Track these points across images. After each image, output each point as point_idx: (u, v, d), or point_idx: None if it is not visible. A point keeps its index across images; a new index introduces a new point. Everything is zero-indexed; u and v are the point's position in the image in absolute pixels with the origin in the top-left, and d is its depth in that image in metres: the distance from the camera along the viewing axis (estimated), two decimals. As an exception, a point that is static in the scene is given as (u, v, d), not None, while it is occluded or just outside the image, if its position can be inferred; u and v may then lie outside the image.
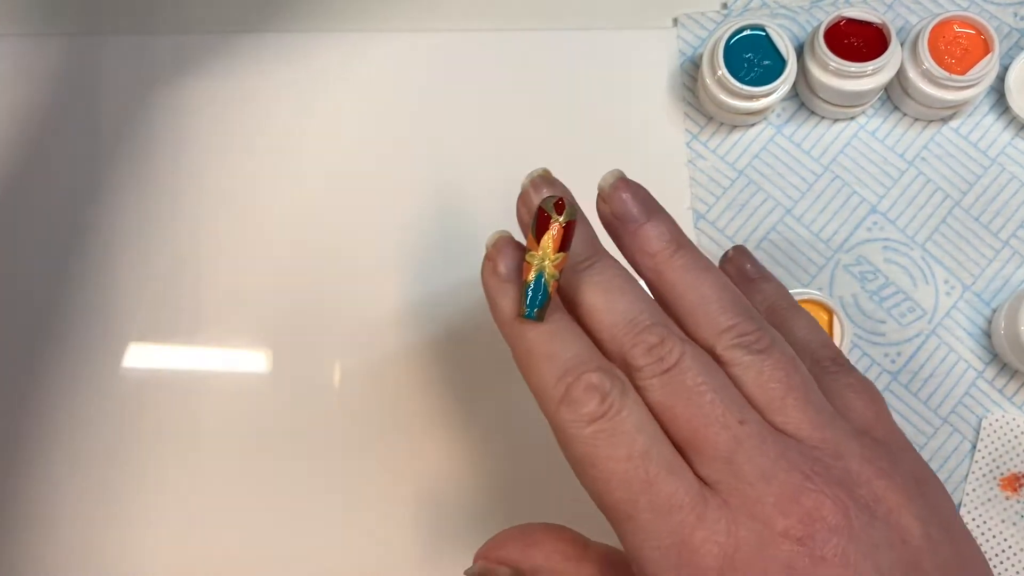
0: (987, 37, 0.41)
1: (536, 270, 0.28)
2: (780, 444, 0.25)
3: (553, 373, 0.26)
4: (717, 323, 0.27)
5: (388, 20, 0.45)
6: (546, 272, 0.28)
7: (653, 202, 0.31)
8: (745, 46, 0.41)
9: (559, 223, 0.28)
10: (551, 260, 0.28)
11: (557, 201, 0.28)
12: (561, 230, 0.28)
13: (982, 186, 0.43)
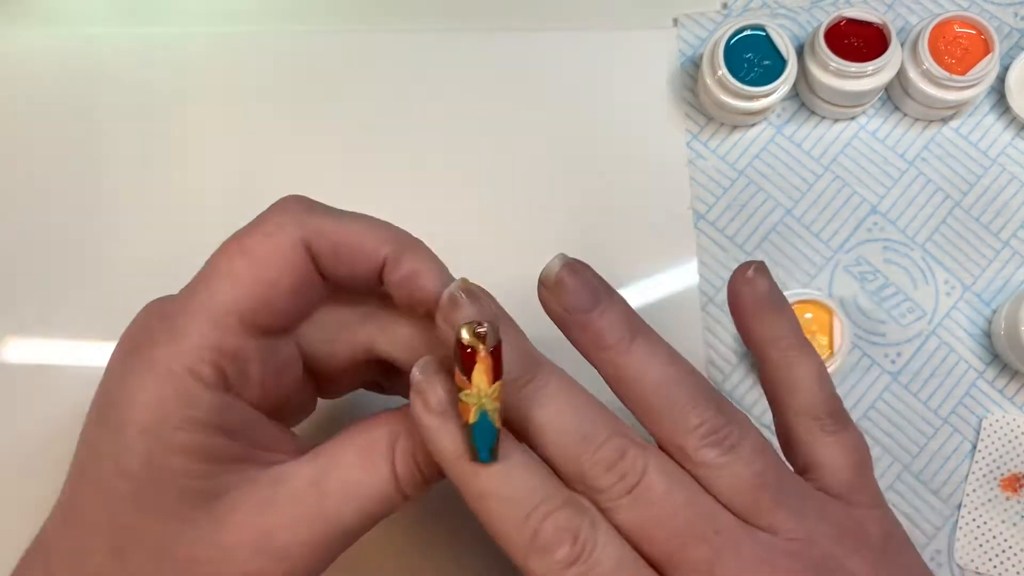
0: (987, 37, 0.41)
1: (477, 410, 0.25)
2: (757, 546, 0.25)
3: (515, 517, 0.25)
4: (684, 421, 0.26)
5: (388, 20, 0.45)
6: (487, 409, 0.25)
7: (602, 284, 0.29)
8: (745, 46, 0.41)
9: (485, 352, 0.25)
10: (488, 395, 0.25)
11: (476, 329, 0.25)
12: (489, 359, 0.25)
13: (982, 186, 0.43)
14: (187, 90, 0.44)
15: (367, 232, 0.28)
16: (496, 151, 0.44)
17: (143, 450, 0.25)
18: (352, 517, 0.27)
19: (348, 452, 0.27)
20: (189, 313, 0.26)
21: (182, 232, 0.43)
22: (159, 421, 0.25)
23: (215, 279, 0.27)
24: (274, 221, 0.27)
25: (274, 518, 0.26)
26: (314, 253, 0.27)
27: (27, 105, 0.44)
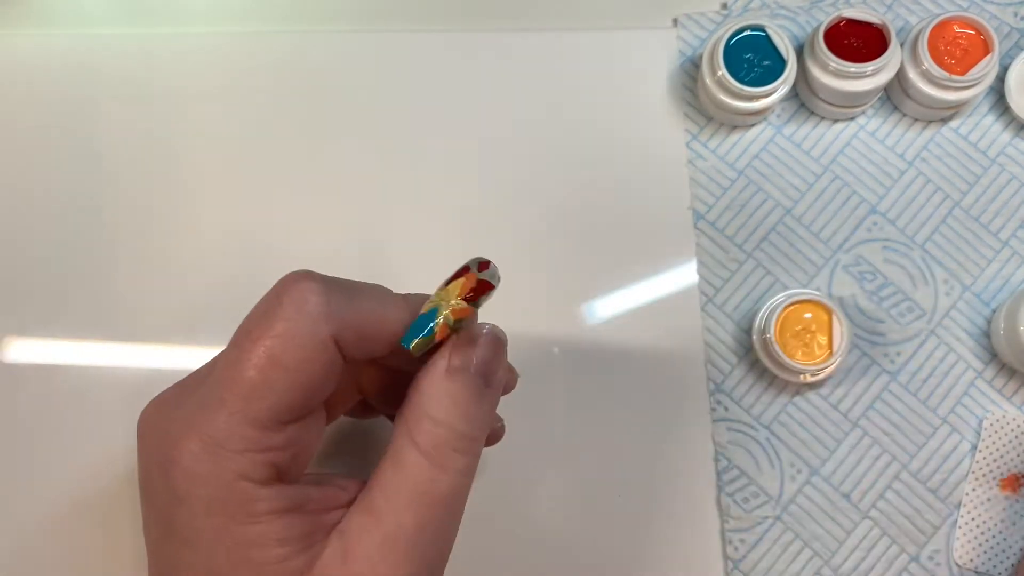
0: (987, 37, 0.41)
1: (431, 305, 0.27)
2: None
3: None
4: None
5: (388, 21, 0.45)
6: (440, 311, 0.27)
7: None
8: (745, 46, 0.41)
9: (474, 275, 0.27)
10: (450, 304, 0.27)
11: (483, 261, 0.27)
12: (474, 281, 0.27)
13: (982, 186, 0.43)
14: (187, 90, 0.44)
15: (385, 313, 0.29)
16: (496, 151, 0.44)
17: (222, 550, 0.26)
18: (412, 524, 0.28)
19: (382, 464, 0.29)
20: (226, 422, 0.26)
21: (182, 232, 0.43)
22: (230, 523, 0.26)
23: (249, 385, 0.27)
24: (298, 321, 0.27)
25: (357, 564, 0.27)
26: (342, 346, 0.28)
27: (27, 105, 0.44)
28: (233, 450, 0.26)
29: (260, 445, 0.27)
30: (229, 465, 0.26)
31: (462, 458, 0.28)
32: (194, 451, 0.26)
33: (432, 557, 0.28)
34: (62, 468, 0.41)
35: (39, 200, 0.43)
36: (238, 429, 0.26)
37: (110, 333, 0.42)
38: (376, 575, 0.27)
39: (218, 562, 0.26)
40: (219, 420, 0.26)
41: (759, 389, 0.41)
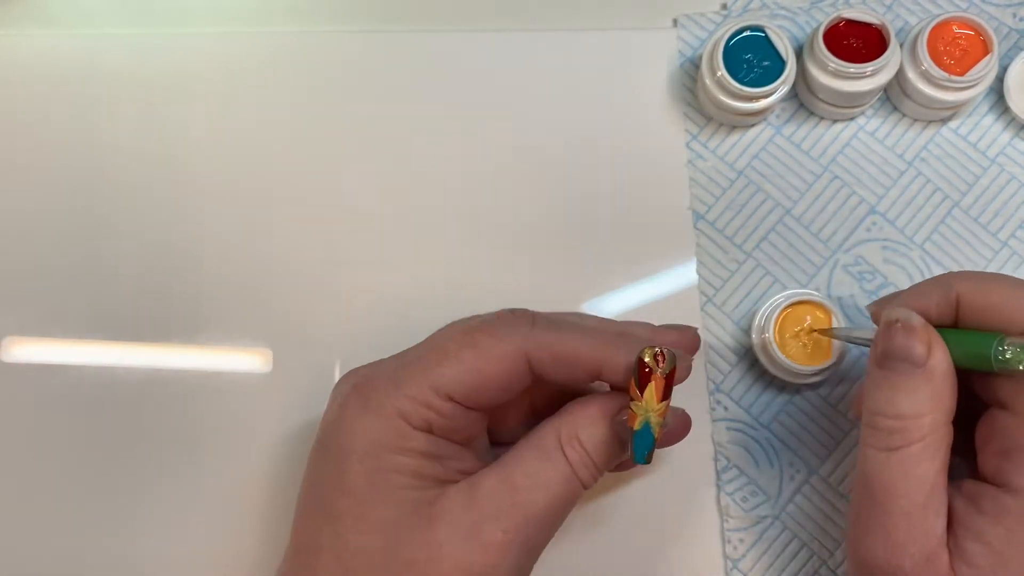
0: (986, 38, 0.41)
1: (642, 420, 0.30)
2: None
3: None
4: None
5: (388, 21, 0.45)
6: (651, 422, 0.30)
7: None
8: (745, 47, 0.41)
9: (660, 375, 0.30)
10: (655, 410, 0.30)
11: (657, 353, 0.30)
12: (663, 381, 0.30)
13: (981, 187, 0.43)
14: (187, 90, 0.44)
15: (583, 344, 0.32)
16: (496, 151, 0.44)
17: (363, 471, 0.31)
18: (541, 504, 0.31)
19: (525, 451, 0.32)
20: (412, 374, 0.32)
21: (182, 232, 0.43)
22: (378, 448, 0.31)
23: (443, 357, 0.32)
24: (505, 328, 0.32)
25: (476, 513, 0.31)
26: (534, 362, 0.32)
27: (27, 105, 0.44)
28: (406, 394, 0.31)
29: (426, 401, 0.31)
30: (396, 403, 0.31)
31: (589, 477, 0.33)
32: (377, 385, 0.32)
33: (534, 545, 0.32)
34: (62, 468, 0.41)
35: (39, 200, 0.43)
36: (417, 380, 0.32)
37: (110, 333, 0.42)
38: (490, 532, 0.31)
39: (356, 479, 0.31)
40: (408, 369, 0.32)
41: (759, 389, 0.41)
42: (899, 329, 0.31)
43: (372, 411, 0.32)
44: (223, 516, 0.40)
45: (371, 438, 0.31)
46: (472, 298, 0.41)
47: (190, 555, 0.40)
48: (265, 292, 0.42)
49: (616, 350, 0.32)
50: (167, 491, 0.40)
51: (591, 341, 0.32)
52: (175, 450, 0.41)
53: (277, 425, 0.41)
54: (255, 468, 0.40)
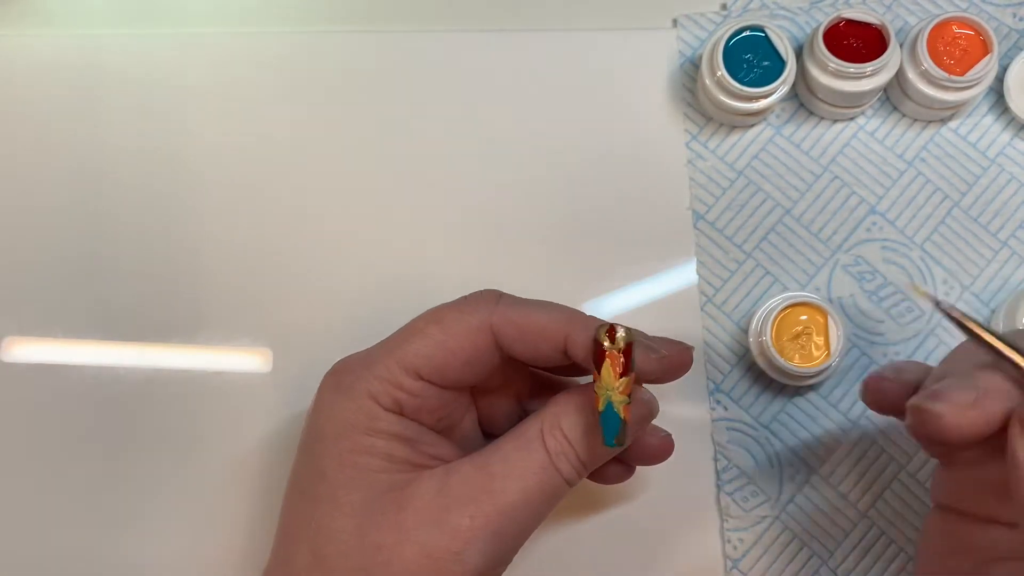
0: (986, 38, 0.41)
1: (604, 400, 0.30)
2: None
3: None
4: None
5: (388, 21, 0.45)
6: (614, 400, 0.30)
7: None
8: (744, 47, 0.41)
9: (615, 350, 0.30)
10: (614, 388, 0.30)
11: (608, 329, 0.30)
12: (620, 357, 0.30)
13: (981, 187, 0.43)
14: (187, 90, 0.44)
15: (548, 317, 0.32)
16: (495, 151, 0.44)
17: (335, 453, 0.31)
18: (514, 492, 0.31)
19: (505, 441, 0.32)
20: (382, 355, 0.32)
21: (182, 231, 0.43)
22: (348, 430, 0.31)
23: (410, 335, 0.32)
24: (471, 304, 0.33)
25: (448, 499, 0.31)
26: (500, 336, 0.32)
27: (27, 105, 0.44)
28: (375, 375, 0.32)
29: (394, 380, 0.31)
30: (366, 384, 0.32)
31: (571, 470, 0.32)
32: (350, 367, 0.33)
33: (507, 535, 0.31)
34: (62, 468, 0.41)
35: (39, 200, 0.43)
36: (385, 359, 0.32)
37: (110, 333, 0.42)
38: (457, 518, 0.30)
39: (329, 463, 0.31)
40: (377, 353, 0.32)
41: (758, 389, 0.41)
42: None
43: (343, 393, 0.32)
44: (223, 515, 0.40)
45: (342, 420, 0.32)
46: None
47: (190, 554, 0.40)
48: (265, 292, 0.42)
49: (581, 324, 0.31)
50: (167, 490, 0.40)
51: (556, 315, 0.32)
52: (175, 450, 0.41)
53: (277, 425, 0.41)
54: (255, 468, 0.40)
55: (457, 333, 0.32)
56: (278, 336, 0.42)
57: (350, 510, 0.31)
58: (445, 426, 0.34)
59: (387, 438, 0.31)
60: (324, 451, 0.32)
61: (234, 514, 0.40)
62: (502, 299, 0.33)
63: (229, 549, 0.40)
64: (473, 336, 0.32)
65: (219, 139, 0.44)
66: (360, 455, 0.31)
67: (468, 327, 0.32)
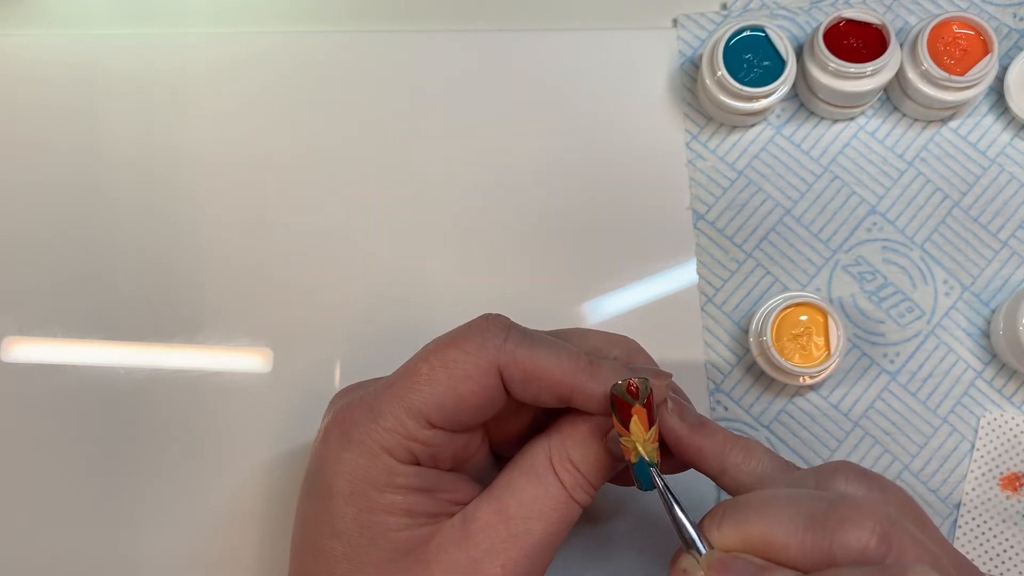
0: (986, 38, 0.41)
1: (636, 453, 0.29)
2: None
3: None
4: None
5: (388, 21, 0.45)
6: (644, 452, 0.29)
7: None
8: (745, 47, 0.41)
9: (639, 405, 0.29)
10: (647, 440, 0.29)
11: (630, 384, 0.29)
12: (643, 411, 0.29)
13: (981, 186, 0.43)
14: (187, 90, 0.44)
15: (556, 365, 0.30)
16: (495, 151, 0.44)
17: (352, 513, 0.30)
18: (539, 534, 0.30)
19: (517, 477, 0.31)
20: (387, 402, 0.30)
21: (182, 232, 0.43)
22: (365, 487, 0.30)
23: (416, 379, 0.30)
24: (477, 342, 0.31)
25: (473, 550, 0.30)
26: (506, 379, 0.31)
27: (27, 105, 0.44)
28: (385, 427, 0.30)
29: (407, 431, 0.30)
30: (378, 437, 0.30)
31: (586, 497, 0.32)
32: (355, 417, 0.31)
33: (536, 572, 0.31)
34: (62, 468, 0.41)
35: (39, 200, 0.43)
36: (394, 409, 0.30)
37: (110, 333, 0.42)
38: (488, 569, 0.30)
39: (346, 523, 0.30)
40: (383, 399, 0.30)
41: (759, 389, 0.41)
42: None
43: (355, 448, 0.30)
44: (223, 515, 0.40)
45: (357, 476, 0.30)
46: (472, 298, 0.41)
47: (190, 554, 0.40)
48: (265, 292, 0.42)
49: (589, 377, 0.30)
50: (167, 490, 0.40)
51: (565, 364, 0.30)
52: (175, 450, 0.41)
53: (277, 425, 0.41)
54: (255, 467, 0.40)
55: (466, 377, 0.30)
56: (278, 336, 0.42)
57: (373, 571, 0.30)
58: (458, 462, 0.33)
59: (406, 492, 0.30)
60: (338, 510, 0.30)
61: (234, 514, 0.40)
62: (510, 335, 0.31)
63: (229, 549, 0.40)
64: (482, 379, 0.30)
65: (219, 139, 0.44)
66: (379, 514, 0.30)
67: (476, 370, 0.30)
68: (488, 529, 0.30)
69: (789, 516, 0.27)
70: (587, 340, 0.34)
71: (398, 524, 0.30)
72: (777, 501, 0.28)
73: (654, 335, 0.41)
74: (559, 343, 0.31)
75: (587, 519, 0.40)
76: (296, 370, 0.41)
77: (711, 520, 0.29)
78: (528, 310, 0.42)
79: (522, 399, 0.31)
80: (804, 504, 0.28)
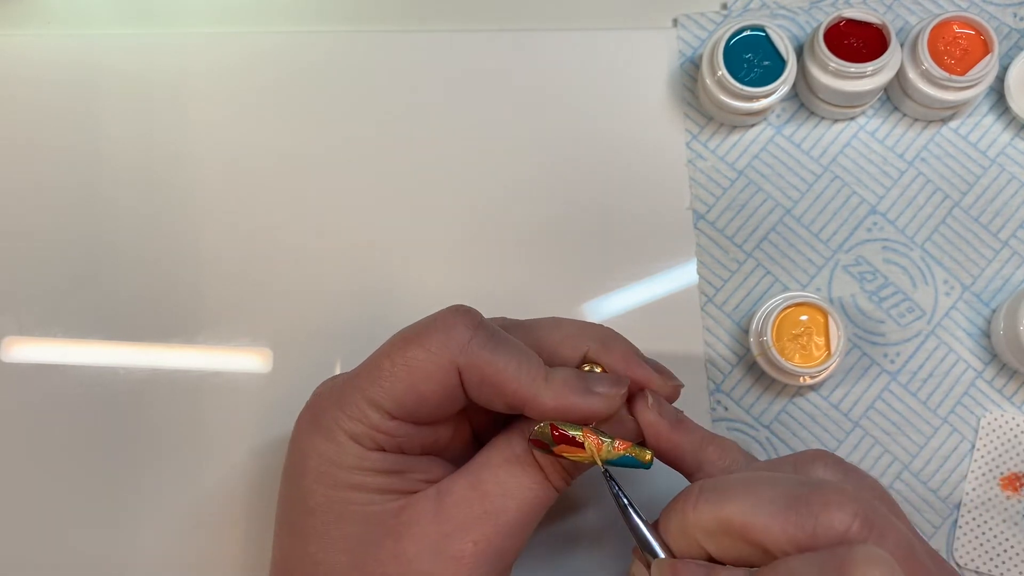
0: (987, 38, 0.41)
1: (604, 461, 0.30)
2: None
3: None
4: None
5: (388, 21, 0.45)
6: (615, 451, 0.30)
7: None
8: (745, 47, 0.41)
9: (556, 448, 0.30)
10: (596, 453, 0.30)
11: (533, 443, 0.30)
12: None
13: (982, 186, 0.43)
14: (187, 90, 0.44)
15: (511, 376, 0.30)
16: (495, 151, 0.44)
17: (322, 490, 0.31)
18: (513, 512, 0.30)
19: (494, 455, 0.31)
20: (351, 392, 0.31)
21: (182, 231, 0.43)
22: (333, 468, 0.30)
23: (379, 374, 0.31)
24: (440, 340, 0.31)
25: (446, 524, 0.30)
26: (464, 379, 0.31)
27: (27, 105, 0.44)
28: (349, 415, 0.31)
29: (370, 422, 0.30)
30: (343, 424, 0.30)
31: (563, 481, 0.32)
32: (324, 406, 0.32)
33: (506, 553, 0.31)
34: (62, 468, 0.41)
35: (39, 200, 0.43)
36: (357, 400, 0.31)
37: (110, 333, 0.42)
38: (460, 544, 0.30)
39: (317, 500, 0.30)
40: (347, 389, 0.31)
41: (759, 389, 0.41)
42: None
43: (323, 433, 0.31)
44: (223, 515, 0.40)
45: (325, 459, 0.31)
46: (472, 298, 0.41)
47: (189, 554, 0.40)
48: (265, 292, 0.42)
49: (543, 390, 0.30)
50: (166, 490, 0.40)
51: (523, 375, 0.30)
52: (175, 450, 0.41)
53: (277, 425, 0.41)
54: (255, 467, 0.40)
55: (427, 378, 0.30)
56: (278, 336, 0.42)
57: (344, 544, 0.30)
58: (428, 448, 0.33)
59: (375, 474, 0.31)
60: (309, 488, 0.31)
61: (234, 514, 0.40)
62: (475, 336, 0.31)
63: (229, 549, 0.40)
64: (443, 378, 0.30)
65: (219, 139, 0.44)
66: (348, 491, 0.30)
67: (438, 369, 0.30)
68: (462, 504, 0.30)
69: (771, 497, 0.27)
70: (560, 329, 0.33)
71: (367, 499, 0.30)
72: (758, 482, 0.28)
73: (654, 335, 0.41)
74: (523, 350, 0.31)
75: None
76: (296, 370, 0.41)
77: (685, 499, 0.29)
78: (528, 310, 0.42)
79: (476, 401, 0.32)
80: (786, 486, 0.27)
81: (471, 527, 0.30)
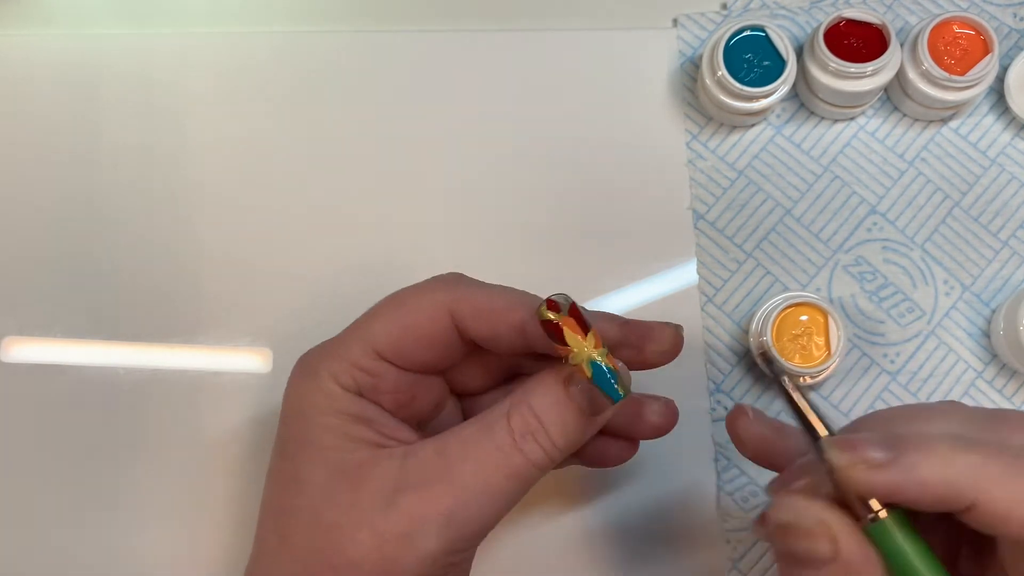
0: (987, 38, 0.41)
1: (588, 362, 0.29)
2: None
3: None
4: None
5: (388, 21, 0.45)
6: (595, 357, 0.29)
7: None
8: (745, 47, 0.41)
9: (566, 316, 0.29)
10: (588, 346, 0.29)
11: (547, 303, 0.29)
12: (572, 320, 0.29)
13: (982, 186, 0.43)
14: (187, 90, 0.44)
15: (503, 298, 0.32)
16: (496, 151, 0.44)
17: (294, 432, 0.32)
18: (470, 476, 0.29)
19: (469, 423, 0.31)
20: (345, 336, 0.32)
21: (182, 231, 0.43)
22: (307, 409, 0.31)
23: (372, 316, 0.33)
24: (429, 285, 0.33)
25: (403, 483, 0.30)
26: (458, 316, 0.32)
27: (27, 105, 0.44)
28: (336, 355, 0.32)
29: (355, 361, 0.31)
30: (328, 365, 0.32)
31: (539, 451, 0.30)
32: (313, 352, 0.33)
33: (463, 521, 0.30)
34: (62, 468, 0.41)
35: (39, 200, 0.43)
36: (345, 339, 0.32)
37: (110, 333, 0.42)
38: (410, 501, 0.29)
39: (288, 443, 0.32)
40: (340, 336, 0.33)
41: (759, 389, 0.41)
42: (794, 534, 0.26)
43: (307, 376, 0.32)
44: (223, 515, 0.40)
45: (301, 398, 0.32)
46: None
47: (189, 553, 0.40)
48: (265, 292, 0.42)
49: (534, 304, 0.30)
50: (166, 490, 0.40)
51: (511, 297, 0.32)
52: (175, 450, 0.41)
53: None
54: (255, 467, 0.40)
55: (415, 311, 0.32)
56: (278, 336, 0.42)
57: (309, 489, 0.30)
58: (408, 413, 0.33)
59: (343, 418, 0.31)
60: (286, 432, 0.32)
61: (234, 514, 0.40)
62: (462, 280, 0.33)
63: (228, 548, 0.40)
64: (431, 314, 0.32)
65: (219, 139, 0.44)
66: (317, 432, 0.31)
67: (427, 304, 0.32)
68: (424, 465, 0.30)
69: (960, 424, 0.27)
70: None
71: (333, 443, 0.31)
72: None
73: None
74: (507, 288, 0.33)
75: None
76: (296, 370, 0.41)
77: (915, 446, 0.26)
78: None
79: (477, 339, 0.32)
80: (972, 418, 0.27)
81: (423, 486, 0.29)
